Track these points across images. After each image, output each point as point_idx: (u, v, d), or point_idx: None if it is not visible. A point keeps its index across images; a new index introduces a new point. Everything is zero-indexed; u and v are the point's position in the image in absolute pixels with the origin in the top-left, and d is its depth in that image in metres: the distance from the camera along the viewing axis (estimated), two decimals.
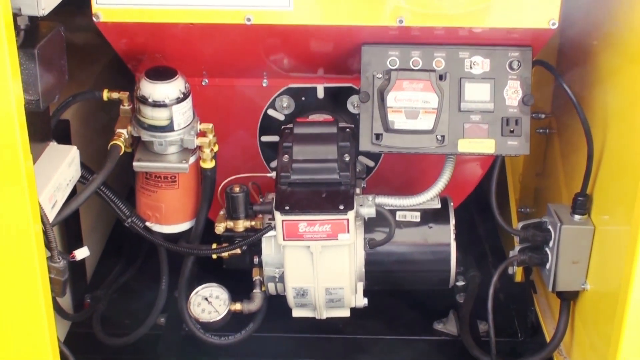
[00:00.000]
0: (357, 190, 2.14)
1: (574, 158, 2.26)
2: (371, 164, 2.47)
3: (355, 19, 2.01)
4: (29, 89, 1.74)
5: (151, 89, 2.06)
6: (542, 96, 2.43)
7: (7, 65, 1.59)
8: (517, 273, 2.56)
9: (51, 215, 1.86)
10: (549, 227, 2.19)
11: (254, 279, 2.25)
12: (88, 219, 2.50)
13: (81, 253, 2.00)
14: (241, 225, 2.18)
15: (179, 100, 2.07)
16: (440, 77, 2.07)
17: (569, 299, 2.22)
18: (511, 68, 2.08)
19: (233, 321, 2.27)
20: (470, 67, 2.08)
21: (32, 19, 1.77)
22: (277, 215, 2.02)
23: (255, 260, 2.21)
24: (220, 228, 2.19)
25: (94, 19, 2.01)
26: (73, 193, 2.02)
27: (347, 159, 2.10)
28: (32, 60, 1.74)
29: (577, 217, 2.13)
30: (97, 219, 2.62)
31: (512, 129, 2.08)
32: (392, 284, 2.30)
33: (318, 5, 1.99)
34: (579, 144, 2.15)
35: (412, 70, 2.08)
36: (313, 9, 2.00)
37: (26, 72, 1.73)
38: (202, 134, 2.15)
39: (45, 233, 1.78)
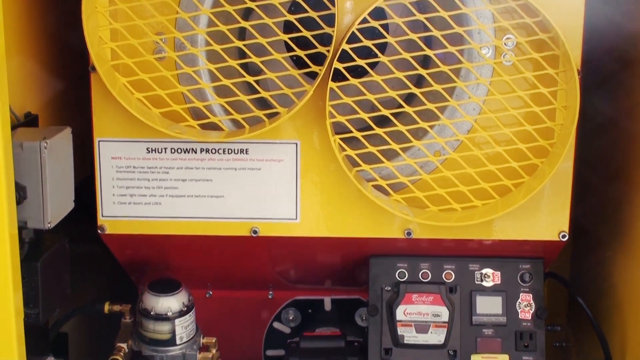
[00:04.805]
0: None
1: None
2: None
3: (363, 232, 2.15)
4: (29, 303, 1.83)
5: (154, 301, 2.18)
6: (557, 307, 2.53)
7: (9, 279, 1.71)
8: None
9: None
10: None
11: None
12: None
13: None
14: None
15: (182, 313, 2.18)
16: (451, 290, 2.21)
17: None
18: (523, 281, 2.22)
19: None
20: (481, 280, 2.22)
21: (37, 231, 1.90)
22: None
23: None
24: None
25: (99, 231, 2.16)
26: None
27: None
28: (34, 274, 1.84)
29: None
30: None
31: (526, 344, 2.19)
32: None
33: (325, 218, 2.14)
34: (598, 358, 2.23)
35: (422, 282, 2.22)
36: (320, 221, 2.15)
37: (28, 286, 1.83)
38: (205, 348, 2.24)
39: None
